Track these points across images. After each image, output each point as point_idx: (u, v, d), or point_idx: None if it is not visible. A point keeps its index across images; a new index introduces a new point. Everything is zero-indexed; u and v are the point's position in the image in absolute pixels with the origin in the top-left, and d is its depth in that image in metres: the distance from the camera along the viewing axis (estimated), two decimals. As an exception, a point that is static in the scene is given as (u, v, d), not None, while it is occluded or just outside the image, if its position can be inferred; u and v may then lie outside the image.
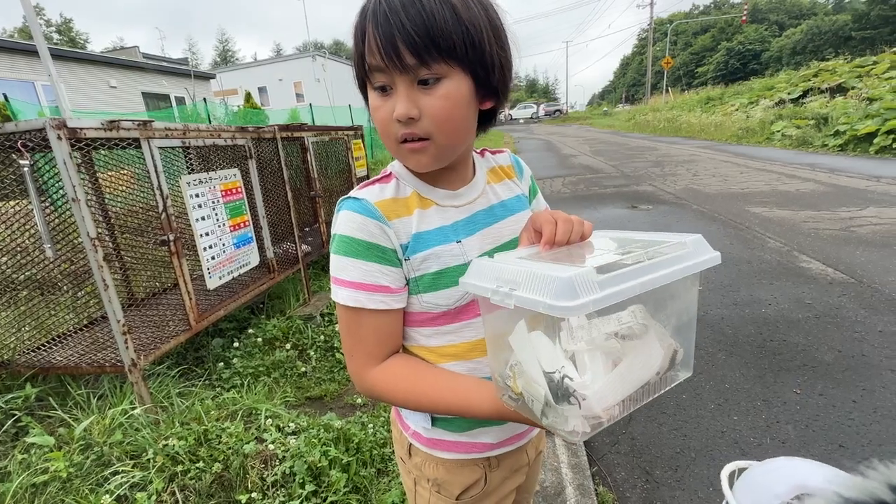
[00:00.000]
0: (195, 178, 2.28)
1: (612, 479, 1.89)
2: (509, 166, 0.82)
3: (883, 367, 2.37)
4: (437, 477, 0.76)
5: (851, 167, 7.87)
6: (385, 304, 0.64)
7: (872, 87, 11.89)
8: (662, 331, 0.55)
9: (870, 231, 4.41)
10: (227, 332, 3.05)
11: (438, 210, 0.68)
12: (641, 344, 0.52)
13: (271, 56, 61.82)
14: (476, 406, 0.61)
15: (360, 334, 0.66)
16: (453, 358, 0.69)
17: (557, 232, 0.59)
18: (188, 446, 1.68)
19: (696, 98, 23.91)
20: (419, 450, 0.77)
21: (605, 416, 0.49)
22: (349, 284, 0.64)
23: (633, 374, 0.51)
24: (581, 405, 0.47)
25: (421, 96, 0.57)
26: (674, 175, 8.59)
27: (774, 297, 3.24)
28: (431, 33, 0.53)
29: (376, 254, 0.63)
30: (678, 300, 0.57)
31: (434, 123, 0.58)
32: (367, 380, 0.67)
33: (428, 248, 0.65)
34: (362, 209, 0.64)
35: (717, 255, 0.56)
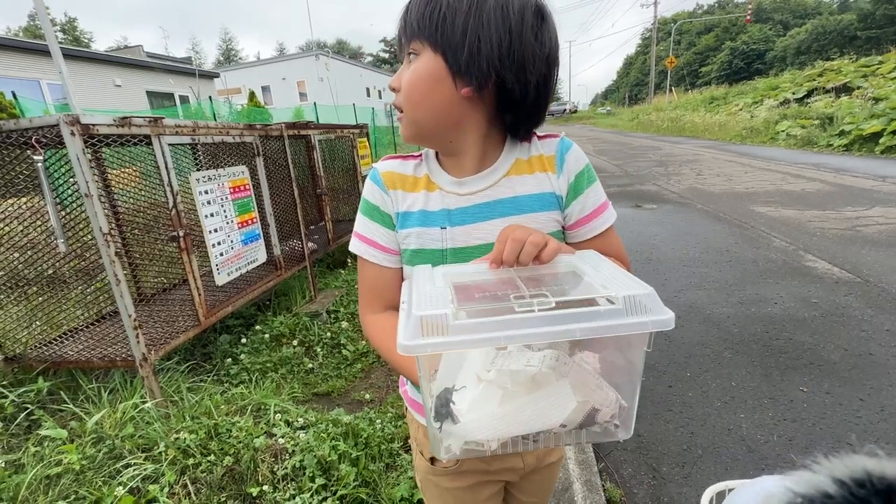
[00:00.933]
0: (204, 174, 2.30)
1: (620, 475, 1.89)
2: (550, 157, 0.70)
3: (890, 365, 2.37)
4: (417, 437, 0.83)
5: (857, 167, 7.84)
6: (376, 259, 0.73)
7: (878, 87, 11.82)
8: (588, 385, 0.51)
9: (876, 231, 4.40)
10: (234, 328, 3.07)
11: (441, 195, 0.70)
12: (547, 392, 0.50)
13: (274, 55, 62.00)
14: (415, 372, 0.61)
15: (363, 281, 0.76)
16: None
17: (505, 250, 0.56)
18: (199, 440, 1.70)
19: (699, 98, 23.83)
20: (408, 408, 0.84)
21: (483, 447, 0.50)
22: (357, 236, 0.75)
23: (523, 417, 0.50)
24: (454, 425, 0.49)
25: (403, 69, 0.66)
26: (678, 174, 8.58)
27: (780, 296, 3.23)
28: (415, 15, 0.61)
29: (377, 215, 0.73)
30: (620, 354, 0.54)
31: (403, 95, 0.65)
32: (364, 324, 0.76)
33: (409, 227, 0.71)
34: (373, 177, 0.74)
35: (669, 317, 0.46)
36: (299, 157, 3.53)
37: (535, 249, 0.55)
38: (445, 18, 0.59)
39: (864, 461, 0.32)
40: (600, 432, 0.53)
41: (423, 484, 0.85)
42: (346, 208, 4.57)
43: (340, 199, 4.38)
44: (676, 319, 0.49)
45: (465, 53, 0.59)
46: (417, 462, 0.85)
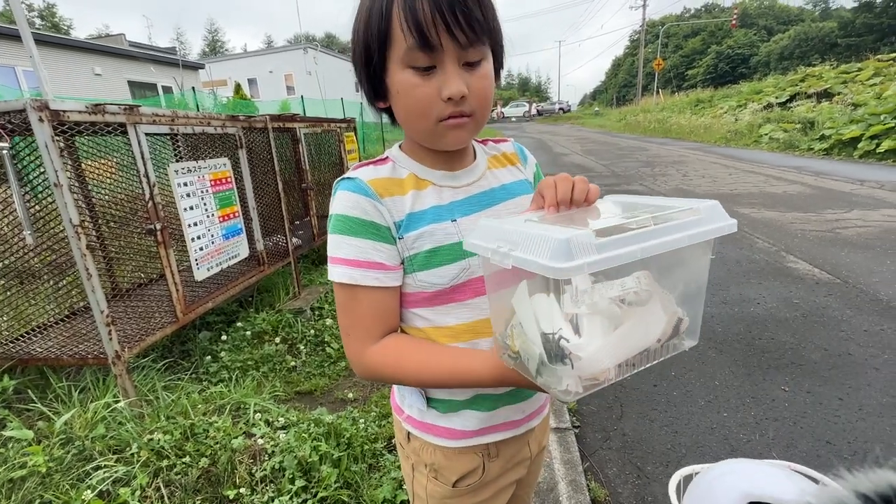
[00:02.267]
0: (183, 166, 2.22)
1: (604, 474, 1.89)
2: (513, 153, 0.81)
3: (868, 365, 2.41)
4: (434, 462, 0.76)
5: (836, 171, 8.02)
6: (379, 281, 0.64)
7: (857, 93, 12.12)
8: (668, 298, 0.54)
9: (854, 233, 4.50)
10: (214, 325, 2.99)
11: (435, 190, 0.67)
12: (644, 310, 0.52)
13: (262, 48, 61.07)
14: (478, 369, 0.60)
15: (357, 312, 0.65)
16: (450, 339, 0.69)
17: (558, 192, 0.59)
18: (174, 441, 1.64)
19: (685, 100, 24.15)
20: (414, 435, 0.77)
21: (601, 378, 0.49)
22: (344, 262, 0.64)
23: (632, 339, 0.51)
24: (574, 365, 0.47)
25: (466, 76, 0.58)
26: (664, 175, 8.67)
27: (763, 297, 3.28)
28: (480, 12, 0.56)
29: (370, 230, 0.63)
30: (687, 268, 0.56)
31: (477, 101, 0.60)
32: (365, 358, 0.66)
33: (422, 226, 0.65)
34: (356, 188, 0.64)
35: (732, 222, 0.53)
36: (284, 150, 3.45)
37: (584, 186, 0.59)
38: (493, 14, 0.59)
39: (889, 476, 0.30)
40: (679, 346, 0.56)
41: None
42: (333, 204, 4.51)
43: (326, 194, 4.31)
44: None
45: (502, 51, 0.64)
46: (432, 490, 0.77)
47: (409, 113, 0.61)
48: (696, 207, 0.53)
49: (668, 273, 0.55)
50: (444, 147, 0.65)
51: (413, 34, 0.54)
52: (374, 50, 0.58)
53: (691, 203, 0.54)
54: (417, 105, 0.59)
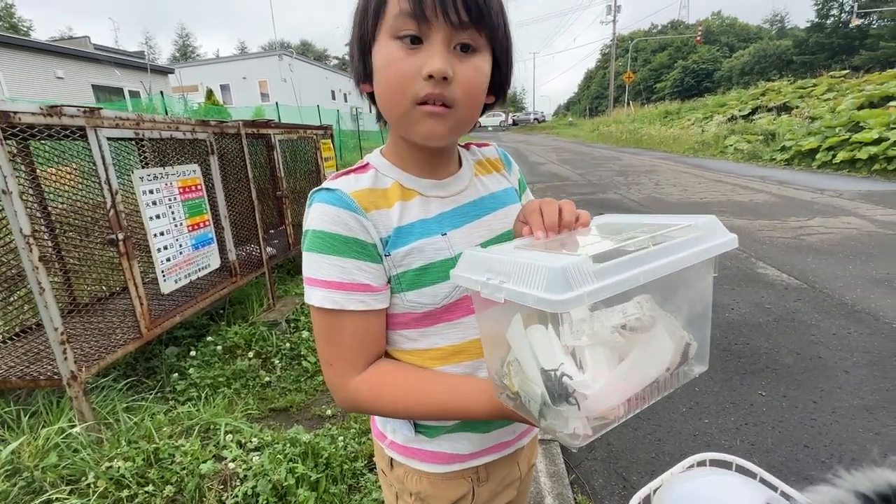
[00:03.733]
0: (149, 172, 2.11)
1: (591, 486, 1.86)
2: (497, 159, 0.77)
3: (838, 368, 2.48)
4: (420, 490, 0.70)
5: (797, 180, 8.40)
6: (366, 305, 0.58)
7: (813, 107, 12.81)
8: (673, 322, 0.50)
9: (818, 239, 4.69)
10: (182, 340, 2.84)
11: (422, 201, 0.62)
12: (649, 337, 0.47)
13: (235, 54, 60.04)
14: (475, 406, 0.56)
15: (340, 340, 0.59)
16: (441, 361, 0.63)
17: (545, 216, 0.56)
18: (136, 468, 1.52)
19: (655, 112, 25.01)
20: (399, 462, 0.71)
21: (610, 417, 0.44)
22: (325, 284, 0.57)
23: (640, 370, 0.46)
24: (581, 406, 0.42)
25: (455, 61, 0.53)
26: (637, 184, 8.89)
27: (736, 302, 3.35)
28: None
29: (355, 249, 0.57)
30: (690, 289, 0.53)
31: (462, 92, 0.53)
32: (350, 391, 0.59)
33: (411, 241, 0.59)
34: (337, 200, 0.57)
35: (733, 237, 0.51)
36: (258, 157, 3.35)
37: (571, 208, 0.57)
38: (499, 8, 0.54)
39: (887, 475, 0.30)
40: (688, 374, 0.52)
41: None
42: (309, 212, 4.40)
43: (302, 202, 4.20)
44: None
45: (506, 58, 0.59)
46: None
47: (385, 90, 0.55)
48: (694, 224, 0.51)
49: (671, 296, 0.52)
50: (416, 138, 0.58)
51: (408, 1, 0.50)
52: (368, 19, 0.53)
53: (688, 220, 0.52)
54: (395, 79, 0.53)
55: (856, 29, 37.23)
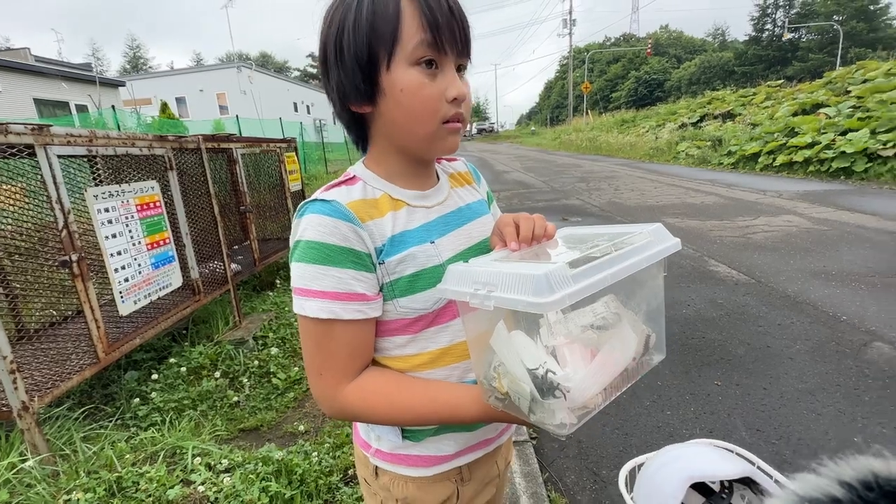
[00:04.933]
0: (104, 190, 2.03)
1: (563, 483, 1.92)
2: (467, 173, 0.82)
3: (784, 356, 2.67)
4: (406, 496, 0.72)
5: (743, 182, 8.97)
6: (362, 314, 0.60)
7: (754, 114, 13.74)
8: (635, 318, 0.57)
9: (762, 237, 5.03)
10: (142, 363, 2.72)
11: (409, 210, 0.66)
12: (617, 332, 0.53)
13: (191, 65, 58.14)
14: (465, 409, 0.59)
15: (332, 349, 0.60)
16: (428, 365, 0.66)
17: (521, 230, 0.61)
18: (97, 499, 1.45)
19: (612, 120, 26.07)
20: (385, 470, 0.72)
21: (591, 405, 0.49)
22: (321, 295, 0.58)
23: (611, 361, 0.52)
24: (566, 397, 0.47)
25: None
26: (598, 190, 9.24)
27: (692, 298, 3.55)
28: (468, 31, 0.60)
29: (351, 259, 0.59)
30: (646, 287, 0.59)
31: (466, 108, 0.62)
32: (339, 399, 0.61)
33: (404, 249, 0.62)
34: (333, 211, 0.59)
35: (677, 241, 0.58)
36: (220, 172, 3.28)
37: (543, 223, 0.63)
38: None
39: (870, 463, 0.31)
40: (650, 362, 0.59)
41: None
42: (274, 226, 4.32)
43: (267, 217, 4.13)
44: None
45: None
46: None
47: (413, 113, 0.59)
48: (645, 231, 0.58)
49: (631, 295, 0.58)
50: (438, 152, 0.65)
51: (428, 30, 0.55)
52: (376, 45, 0.56)
53: (639, 227, 0.59)
54: (425, 105, 0.58)
55: (788, 42, 40.31)
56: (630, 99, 48.39)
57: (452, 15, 0.57)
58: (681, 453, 0.84)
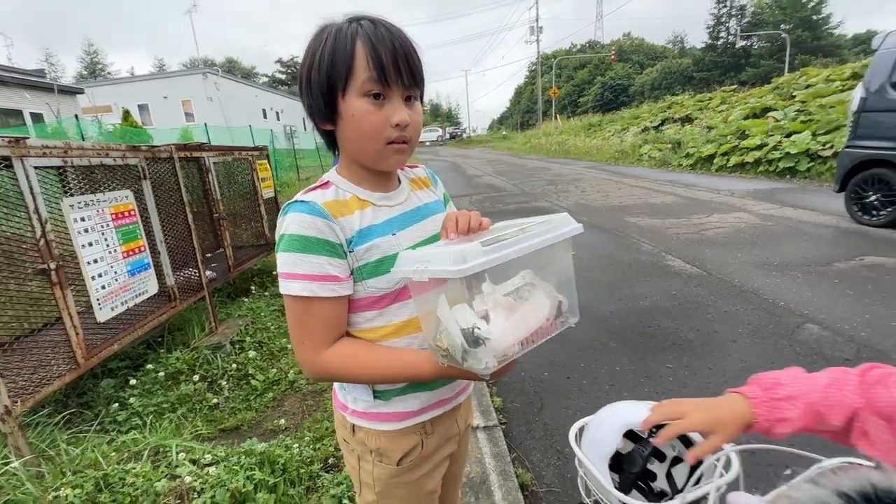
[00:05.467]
0: (80, 200, 2.08)
1: (530, 461, 2.08)
2: (425, 178, 0.97)
3: (728, 339, 2.93)
4: (379, 447, 0.85)
5: (700, 182, 9.50)
6: (335, 292, 0.74)
7: (710, 118, 14.50)
8: (549, 287, 0.72)
9: (714, 233, 5.39)
10: (118, 371, 2.74)
11: (374, 209, 0.80)
12: (532, 299, 0.69)
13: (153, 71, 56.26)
14: (420, 369, 0.74)
15: (311, 323, 0.74)
16: (393, 335, 0.80)
17: (459, 224, 0.76)
18: (85, 494, 1.51)
19: (579, 125, 26.85)
20: (360, 426, 0.86)
21: (510, 353, 0.64)
22: (302, 277, 0.72)
23: (526, 320, 0.67)
24: (487, 345, 0.62)
25: (407, 109, 0.74)
26: (566, 192, 9.58)
27: (650, 291, 3.81)
28: (418, 66, 0.74)
29: (326, 248, 0.72)
30: (556, 264, 0.75)
31: (413, 131, 0.76)
32: (318, 363, 0.75)
33: (370, 240, 0.76)
34: (311, 210, 0.73)
35: (578, 226, 0.73)
36: (193, 180, 3.32)
37: (478, 218, 0.77)
38: (422, 70, 0.75)
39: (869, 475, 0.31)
40: (564, 323, 0.73)
41: (387, 490, 0.88)
42: (247, 234, 4.35)
43: (240, 225, 4.17)
44: None
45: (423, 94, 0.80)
46: (378, 473, 0.87)
47: (361, 135, 0.73)
48: (552, 218, 0.73)
49: (544, 270, 0.74)
50: (385, 167, 0.79)
51: (373, 69, 0.69)
52: (336, 79, 0.70)
53: (550, 217, 0.75)
54: (371, 128, 0.72)
55: (741, 49, 42.57)
56: (597, 103, 49.86)
57: (397, 56, 0.69)
58: (616, 409, 1.01)
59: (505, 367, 0.66)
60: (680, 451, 0.98)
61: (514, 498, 1.82)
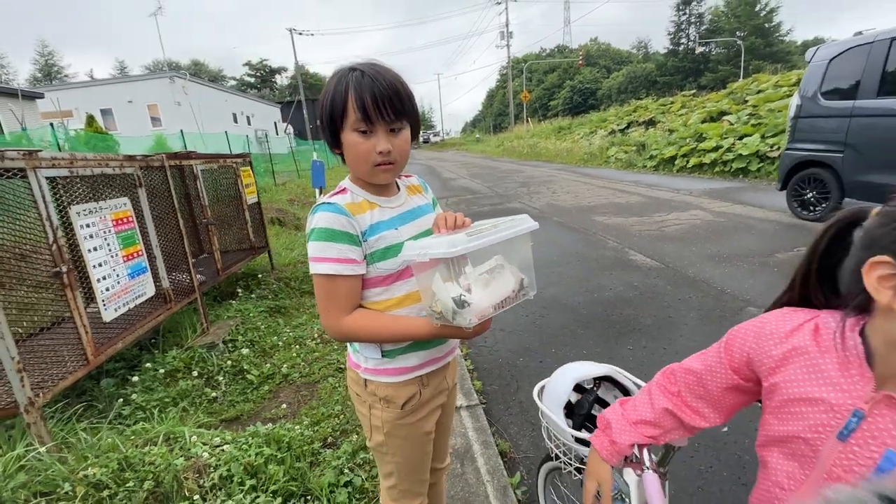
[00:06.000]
0: (85, 207, 2.22)
1: (508, 433, 2.35)
2: (418, 185, 1.21)
3: (681, 323, 3.29)
4: (386, 395, 1.09)
5: (662, 183, 10.08)
6: (354, 271, 0.98)
7: (671, 121, 15.30)
8: (514, 268, 0.98)
9: (673, 230, 5.84)
10: (115, 372, 2.85)
11: (381, 210, 1.04)
12: (501, 276, 0.95)
13: (116, 75, 54.11)
14: (418, 330, 0.98)
15: (336, 295, 0.98)
16: (396, 306, 1.04)
17: (447, 221, 1.00)
18: (111, 472, 1.67)
19: (550, 128, 27.65)
20: (371, 380, 1.10)
21: (487, 314, 0.89)
22: (329, 260, 0.95)
23: (498, 291, 0.93)
24: (470, 307, 0.87)
25: (392, 138, 0.96)
26: (538, 193, 9.98)
27: (614, 283, 4.16)
28: (401, 103, 0.94)
29: (347, 238, 0.96)
30: (519, 252, 1.00)
31: (398, 154, 0.98)
32: (341, 326, 0.98)
33: (379, 232, 1.01)
34: (336, 209, 0.96)
35: (535, 224, 0.99)
36: (183, 187, 3.45)
37: (462, 219, 0.99)
38: (411, 102, 0.98)
39: None
40: (525, 294, 0.96)
41: (392, 430, 1.10)
42: (232, 239, 4.47)
43: (226, 230, 4.29)
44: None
45: (419, 123, 1.03)
46: (386, 417, 1.09)
47: (355, 159, 0.97)
48: (516, 218, 0.98)
49: (510, 256, 0.98)
50: (376, 182, 1.02)
51: (358, 112, 0.92)
52: (336, 117, 0.94)
53: (514, 217, 1.00)
54: (361, 155, 0.96)
55: (700, 55, 44.60)
56: (566, 107, 51.18)
57: (379, 100, 0.90)
58: (566, 369, 1.28)
59: (482, 326, 0.91)
60: (617, 396, 1.25)
61: (494, 463, 2.08)
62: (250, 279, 4.62)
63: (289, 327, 3.66)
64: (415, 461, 1.19)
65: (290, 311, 4.08)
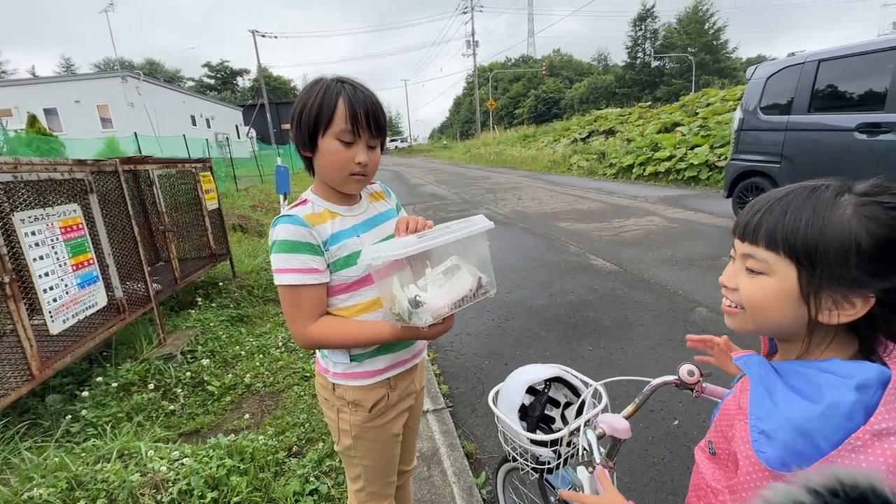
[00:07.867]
0: (30, 214, 2.11)
1: (474, 435, 2.40)
2: (381, 192, 1.25)
3: (636, 324, 3.46)
4: (355, 399, 1.11)
5: (621, 190, 10.52)
6: (316, 280, 1.00)
7: (629, 131, 16.00)
8: (472, 267, 1.02)
9: (631, 235, 6.11)
10: (62, 387, 2.69)
11: (342, 219, 1.07)
12: (458, 276, 0.99)
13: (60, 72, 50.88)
14: (381, 333, 1.01)
15: (301, 304, 0.99)
16: (362, 311, 1.07)
17: (409, 225, 1.05)
18: (58, 493, 1.60)
19: (516, 135, 28.23)
20: (339, 384, 1.12)
21: (441, 313, 0.94)
22: (292, 270, 0.97)
23: (454, 291, 0.97)
24: (423, 307, 0.92)
25: (369, 152, 1.00)
26: (504, 199, 10.18)
27: (575, 287, 4.31)
28: (383, 122, 0.99)
29: (308, 248, 0.98)
30: (476, 251, 1.05)
31: (371, 168, 1.03)
32: (308, 334, 1.00)
33: (341, 241, 1.03)
34: (296, 221, 0.99)
35: (490, 224, 1.02)
36: (138, 193, 3.31)
37: (424, 222, 1.04)
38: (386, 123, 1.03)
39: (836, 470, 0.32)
40: (484, 292, 1.00)
41: (361, 434, 1.13)
42: (192, 246, 4.33)
43: (185, 237, 4.14)
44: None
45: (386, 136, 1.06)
46: (354, 420, 1.11)
47: (332, 165, 0.99)
48: (472, 219, 1.04)
49: (467, 255, 1.03)
50: (346, 191, 1.05)
51: (349, 122, 0.95)
52: (320, 123, 0.95)
53: (470, 218, 1.05)
54: (339, 163, 0.98)
55: (656, 69, 46.90)
56: (531, 115, 52.47)
57: (367, 115, 0.95)
58: (519, 372, 1.33)
59: (442, 325, 0.96)
60: (569, 398, 1.32)
61: (461, 464, 2.12)
62: (211, 288, 4.47)
63: (252, 336, 3.57)
64: (383, 464, 1.21)
65: (253, 320, 3.98)
